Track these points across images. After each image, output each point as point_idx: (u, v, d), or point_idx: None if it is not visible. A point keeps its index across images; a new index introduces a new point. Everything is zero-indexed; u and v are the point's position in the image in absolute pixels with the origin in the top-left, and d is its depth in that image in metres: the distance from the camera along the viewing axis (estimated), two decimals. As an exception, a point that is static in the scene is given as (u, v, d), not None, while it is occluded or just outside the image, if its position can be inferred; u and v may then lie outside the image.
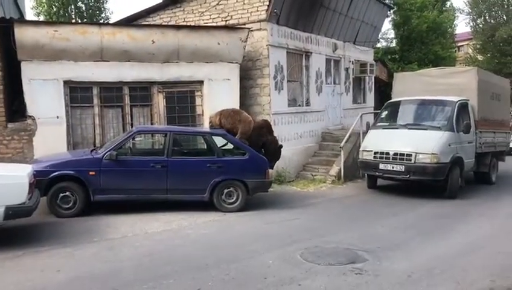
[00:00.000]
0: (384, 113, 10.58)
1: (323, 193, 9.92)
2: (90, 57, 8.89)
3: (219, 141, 8.08)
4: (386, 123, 10.28)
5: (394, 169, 9.16)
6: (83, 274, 4.75)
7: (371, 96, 16.50)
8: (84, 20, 23.44)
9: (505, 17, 27.11)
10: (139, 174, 7.41)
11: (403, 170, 9.04)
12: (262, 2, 10.65)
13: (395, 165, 9.13)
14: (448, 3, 27.05)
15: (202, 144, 8.83)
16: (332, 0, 12.74)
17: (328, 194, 9.86)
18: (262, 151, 8.29)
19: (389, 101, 11.14)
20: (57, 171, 7.11)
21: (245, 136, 8.06)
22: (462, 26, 65.24)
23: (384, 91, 18.00)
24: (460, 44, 34.27)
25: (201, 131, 8.92)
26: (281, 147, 8.78)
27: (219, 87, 9.92)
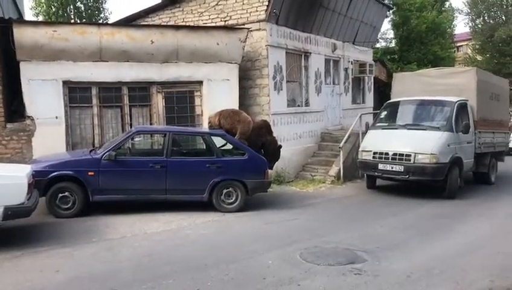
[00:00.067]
0: (384, 114, 10.59)
1: (323, 193, 9.92)
2: (89, 57, 8.89)
3: (218, 141, 8.07)
4: (385, 123, 10.28)
5: (393, 169, 9.16)
6: (82, 274, 4.75)
7: (370, 97, 16.50)
8: (83, 21, 23.46)
9: (504, 18, 27.13)
10: (138, 175, 7.40)
11: (402, 170, 9.05)
12: (262, 2, 10.64)
13: (394, 166, 9.14)
14: (447, 4, 27.13)
15: (201, 144, 8.80)
16: (332, 1, 12.74)
17: (327, 194, 9.86)
18: (261, 152, 8.29)
19: (388, 101, 11.15)
20: (56, 171, 7.11)
21: (244, 137, 8.06)
22: (461, 27, 65.30)
23: (383, 91, 18.02)
24: (459, 44, 34.36)
25: (201, 131, 8.92)
26: (280, 147, 8.79)
27: (218, 87, 9.91)
